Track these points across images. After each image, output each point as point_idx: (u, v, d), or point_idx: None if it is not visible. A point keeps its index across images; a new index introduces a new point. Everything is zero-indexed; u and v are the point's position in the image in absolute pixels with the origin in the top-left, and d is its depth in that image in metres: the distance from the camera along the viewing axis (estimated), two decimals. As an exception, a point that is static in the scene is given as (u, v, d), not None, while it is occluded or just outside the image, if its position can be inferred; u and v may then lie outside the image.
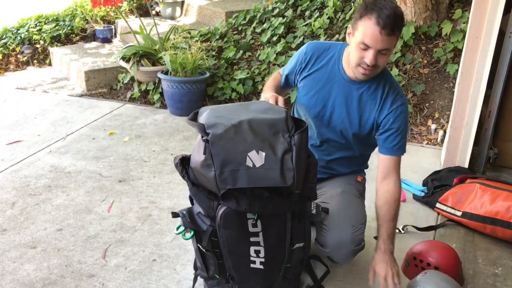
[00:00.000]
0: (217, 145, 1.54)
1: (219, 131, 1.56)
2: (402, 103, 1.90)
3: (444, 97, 3.55)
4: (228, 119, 1.60)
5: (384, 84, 1.90)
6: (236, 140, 1.55)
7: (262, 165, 1.52)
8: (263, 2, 4.94)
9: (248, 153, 1.53)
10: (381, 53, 1.75)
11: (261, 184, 1.52)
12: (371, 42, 1.72)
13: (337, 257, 1.91)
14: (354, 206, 1.96)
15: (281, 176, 1.52)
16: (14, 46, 5.14)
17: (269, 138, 1.57)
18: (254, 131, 1.58)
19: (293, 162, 1.54)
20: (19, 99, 4.23)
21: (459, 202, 2.41)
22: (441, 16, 3.74)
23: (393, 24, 1.69)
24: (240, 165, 1.52)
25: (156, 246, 2.25)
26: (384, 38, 1.71)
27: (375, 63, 1.76)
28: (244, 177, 1.51)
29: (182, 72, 3.80)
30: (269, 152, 1.54)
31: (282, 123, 1.61)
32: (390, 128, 1.90)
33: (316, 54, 1.97)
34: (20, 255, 2.18)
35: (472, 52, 2.68)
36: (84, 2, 5.72)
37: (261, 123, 1.60)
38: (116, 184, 2.81)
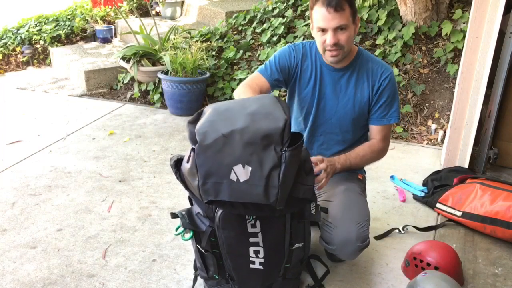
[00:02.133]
0: (202, 156, 1.51)
1: (206, 141, 1.50)
2: (389, 73, 1.99)
3: (444, 97, 3.55)
4: (221, 126, 1.52)
5: (366, 62, 1.99)
6: (224, 152, 1.50)
7: (246, 180, 1.48)
8: (263, 2, 4.94)
9: (234, 166, 1.49)
10: (339, 30, 1.82)
11: (243, 199, 1.50)
12: (324, 23, 1.82)
13: (343, 254, 1.91)
14: (357, 203, 1.97)
15: (264, 193, 1.48)
16: (14, 46, 5.14)
17: (259, 152, 1.49)
18: (244, 143, 1.49)
19: (279, 179, 1.49)
20: (19, 99, 4.23)
21: (459, 202, 2.41)
22: (441, 16, 3.74)
23: (337, 0, 1.77)
24: (223, 178, 1.49)
25: (156, 246, 2.25)
26: (334, 16, 1.79)
27: (337, 42, 1.84)
28: (226, 190, 1.49)
29: (182, 72, 3.80)
30: (256, 167, 1.48)
31: (277, 135, 1.50)
32: (381, 98, 1.99)
33: (300, 54, 2.02)
34: (20, 255, 2.18)
35: (472, 52, 2.68)
36: (84, 2, 5.73)
37: (254, 134, 1.50)
38: (116, 184, 2.81)
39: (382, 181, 2.87)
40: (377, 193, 2.73)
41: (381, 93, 1.98)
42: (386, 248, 2.25)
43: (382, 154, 2.07)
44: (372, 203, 2.60)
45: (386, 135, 2.06)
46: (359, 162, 2.01)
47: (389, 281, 2.04)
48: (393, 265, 2.13)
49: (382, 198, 2.70)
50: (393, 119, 2.02)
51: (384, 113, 2.01)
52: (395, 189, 2.79)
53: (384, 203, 2.64)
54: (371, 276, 2.07)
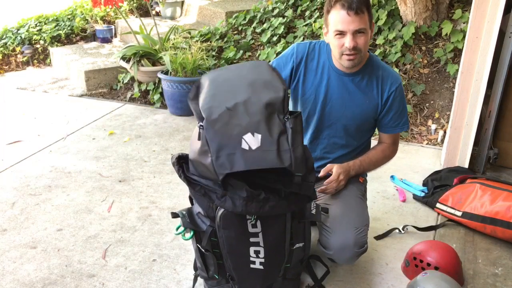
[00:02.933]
0: (211, 130, 1.53)
1: (213, 116, 1.54)
2: (399, 83, 2.00)
3: (444, 97, 3.55)
4: (223, 100, 1.57)
5: (377, 69, 1.98)
6: (231, 123, 1.53)
7: (258, 147, 1.51)
8: (263, 2, 4.94)
9: (244, 135, 1.51)
10: (357, 33, 1.81)
11: (259, 166, 1.50)
12: (343, 27, 1.80)
13: (340, 259, 1.91)
14: (357, 208, 1.96)
15: (278, 157, 1.50)
16: (14, 46, 5.14)
17: (265, 119, 1.54)
18: (249, 113, 1.55)
19: (289, 143, 1.53)
20: (19, 99, 4.23)
21: (459, 202, 2.41)
22: (441, 16, 3.74)
23: (357, 2, 1.76)
24: (236, 149, 1.50)
25: (156, 246, 2.25)
26: (354, 19, 1.78)
27: (356, 45, 1.82)
28: (241, 160, 1.50)
29: (182, 72, 3.80)
30: (265, 134, 1.52)
31: (278, 103, 1.57)
32: (392, 109, 2.00)
33: (306, 53, 2.00)
34: (20, 255, 2.18)
35: (472, 52, 2.68)
36: (84, 2, 5.73)
37: (257, 104, 1.56)
38: (116, 184, 2.81)
39: (382, 181, 2.87)
40: (377, 193, 2.73)
41: (391, 103, 1.98)
42: (386, 248, 2.25)
43: (391, 156, 2.12)
44: (372, 203, 2.60)
45: (396, 140, 2.12)
46: (372, 167, 2.06)
47: (389, 281, 2.04)
48: (393, 265, 2.13)
49: (382, 198, 2.70)
50: (405, 127, 2.07)
51: (397, 123, 2.03)
52: (395, 189, 2.79)
53: (384, 203, 2.64)
54: (371, 276, 2.07)
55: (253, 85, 1.62)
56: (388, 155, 2.09)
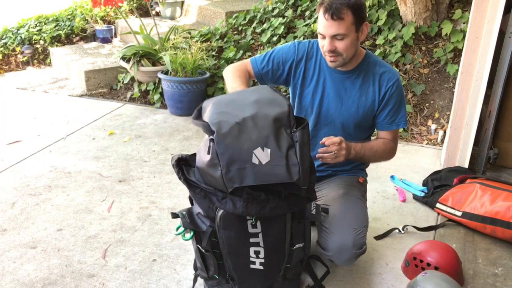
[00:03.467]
0: (222, 144, 1.54)
1: (223, 130, 1.55)
2: (396, 79, 1.98)
3: (444, 97, 3.55)
4: (232, 116, 1.59)
5: (373, 66, 1.98)
6: (241, 138, 1.55)
7: (268, 161, 1.52)
8: (263, 2, 4.94)
9: (254, 150, 1.53)
10: (336, 38, 1.82)
11: (268, 181, 1.52)
12: (322, 30, 1.83)
13: (339, 260, 1.90)
14: (356, 209, 1.96)
15: (287, 171, 1.52)
16: (14, 46, 5.14)
17: (274, 134, 1.56)
18: (258, 127, 1.57)
19: (297, 157, 1.54)
20: (19, 99, 4.23)
21: (459, 202, 2.41)
22: (441, 16, 3.74)
23: (338, 9, 1.76)
24: (246, 163, 1.52)
25: (156, 246, 2.25)
26: (332, 24, 1.79)
27: (334, 49, 1.83)
28: (251, 174, 1.51)
29: (182, 72, 3.80)
30: (274, 148, 1.54)
31: (285, 118, 1.61)
32: (388, 105, 1.98)
33: (306, 51, 2.02)
34: (20, 255, 2.18)
35: (472, 52, 2.68)
36: (84, 2, 5.73)
37: (265, 118, 1.59)
38: (116, 184, 2.81)
39: (382, 181, 2.87)
40: (377, 193, 2.73)
41: (388, 99, 1.97)
42: (386, 248, 2.25)
43: (392, 154, 2.08)
44: (372, 203, 2.60)
45: (395, 137, 2.07)
46: (371, 156, 2.00)
47: (389, 281, 2.04)
48: (393, 265, 2.13)
49: (382, 198, 2.70)
50: (401, 124, 2.02)
51: (393, 119, 2.00)
52: (395, 189, 2.79)
53: (384, 203, 2.64)
54: (371, 276, 2.07)
55: (258, 103, 1.65)
56: (389, 149, 2.04)
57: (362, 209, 1.98)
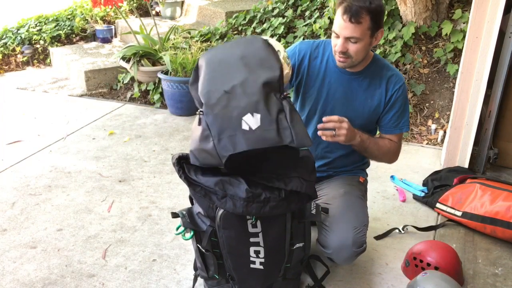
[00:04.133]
0: (211, 114, 1.54)
1: (212, 100, 1.56)
2: (402, 83, 1.98)
3: (444, 97, 3.55)
4: (221, 83, 1.59)
5: (381, 69, 1.97)
6: (230, 106, 1.55)
7: (258, 127, 1.51)
8: (263, 2, 4.94)
9: (243, 117, 1.52)
10: (350, 41, 1.80)
11: (260, 145, 1.50)
12: (337, 30, 1.80)
13: (339, 258, 1.90)
14: (356, 208, 1.96)
15: (278, 135, 1.51)
16: (14, 46, 5.14)
17: (263, 99, 1.55)
18: (247, 94, 1.56)
19: (288, 120, 1.53)
20: (19, 99, 4.23)
21: (459, 202, 2.41)
22: (441, 16, 3.74)
23: (355, 12, 1.73)
24: (236, 130, 1.51)
25: (156, 246, 2.25)
26: (348, 26, 1.76)
27: (346, 51, 1.81)
28: (242, 140, 1.50)
29: (182, 72, 3.80)
30: (264, 113, 1.53)
31: (275, 82, 1.59)
32: (393, 108, 1.98)
33: (309, 51, 1.99)
34: (20, 255, 2.18)
35: (472, 52, 2.68)
36: (84, 2, 5.72)
37: (254, 84, 1.58)
38: (116, 184, 2.81)
39: (382, 181, 2.87)
40: (377, 193, 2.73)
41: (394, 102, 1.97)
42: (386, 248, 2.25)
43: (395, 156, 2.07)
44: (372, 203, 2.60)
45: (399, 141, 2.06)
46: (375, 151, 1.98)
47: (389, 281, 2.04)
48: (393, 265, 2.13)
49: (382, 198, 2.70)
50: (404, 128, 2.02)
51: (397, 123, 2.00)
52: (395, 189, 2.79)
53: (384, 203, 2.64)
54: (371, 276, 2.07)
55: (249, 65, 1.62)
56: (393, 150, 2.04)
57: (362, 208, 1.99)
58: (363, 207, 2.01)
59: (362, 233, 1.86)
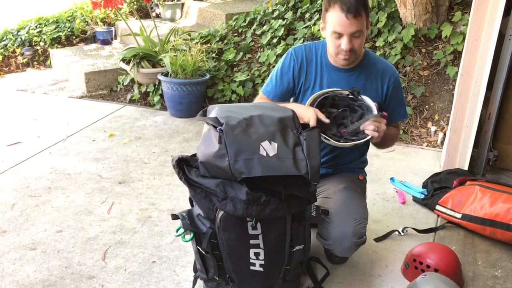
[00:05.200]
0: (231, 135, 1.57)
1: (232, 122, 1.61)
2: (396, 74, 2.06)
3: (444, 99, 3.56)
4: (239, 114, 1.66)
5: (374, 63, 2.02)
6: (249, 131, 1.60)
7: (275, 154, 1.56)
8: (263, 4, 4.94)
9: (261, 142, 1.57)
10: (354, 36, 1.84)
11: (276, 173, 1.54)
12: (341, 29, 1.82)
13: (339, 249, 1.91)
14: (356, 201, 1.97)
15: (294, 164, 1.55)
16: (14, 47, 5.15)
17: (280, 131, 1.63)
18: (264, 124, 1.63)
19: (304, 153, 1.59)
20: (19, 100, 4.23)
21: (459, 204, 2.41)
22: (441, 18, 3.75)
23: (356, 6, 1.78)
24: (254, 154, 1.55)
25: (156, 248, 2.24)
26: (352, 22, 1.80)
27: (352, 47, 1.85)
28: (258, 165, 1.53)
29: (182, 74, 3.80)
30: (281, 143, 1.59)
31: (290, 121, 1.69)
32: (392, 99, 2.05)
33: (305, 54, 2.03)
34: (19, 256, 2.18)
35: (472, 54, 2.68)
36: (84, 4, 5.73)
37: (270, 118, 1.66)
38: (116, 185, 2.81)
39: (382, 183, 2.87)
40: (376, 195, 2.73)
41: (392, 93, 2.03)
42: (385, 250, 2.25)
43: (396, 139, 2.20)
44: (372, 205, 2.60)
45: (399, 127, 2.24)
46: (389, 140, 2.07)
47: (389, 283, 2.04)
48: (393, 267, 2.13)
49: (382, 200, 2.70)
50: (404, 115, 2.14)
51: (397, 111, 2.09)
52: (395, 191, 2.79)
53: (384, 205, 2.64)
54: (371, 278, 2.07)
55: (263, 109, 1.74)
56: (397, 135, 2.17)
57: (362, 202, 2.00)
58: (363, 202, 2.02)
59: (362, 224, 1.86)
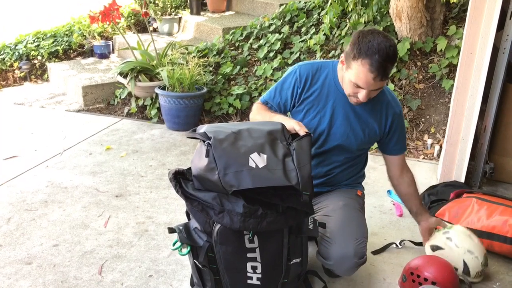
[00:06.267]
0: (219, 148, 1.58)
1: (220, 136, 1.62)
2: (401, 108, 2.06)
3: (440, 112, 3.58)
4: (227, 129, 1.67)
5: (382, 93, 1.99)
6: (238, 144, 1.60)
7: (265, 165, 1.56)
8: (260, 19, 4.99)
9: (250, 154, 1.57)
10: (374, 90, 1.83)
11: (266, 184, 1.53)
12: (364, 85, 1.79)
13: (340, 270, 1.90)
14: (356, 220, 1.97)
15: (285, 175, 1.55)
16: (12, 61, 5.16)
17: (269, 143, 1.63)
18: (253, 137, 1.64)
19: (294, 164, 1.58)
20: (16, 114, 4.23)
21: (456, 216, 2.41)
22: (435, 32, 3.79)
23: (385, 70, 1.75)
24: (243, 166, 1.55)
25: (153, 262, 2.23)
26: (377, 83, 1.78)
27: (368, 98, 1.85)
28: (248, 177, 1.53)
29: (179, 88, 3.82)
30: (271, 154, 1.59)
31: (279, 133, 1.69)
32: (396, 132, 2.05)
33: (310, 76, 1.99)
34: (15, 271, 2.16)
35: (467, 67, 2.71)
36: (82, 18, 5.77)
37: (259, 131, 1.68)
38: (112, 199, 2.80)
39: (379, 195, 2.87)
40: (374, 208, 2.73)
41: (396, 126, 2.04)
42: (383, 263, 2.24)
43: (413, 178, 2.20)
44: (369, 217, 2.60)
45: (404, 160, 2.16)
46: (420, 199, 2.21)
47: (386, 296, 2.03)
48: (390, 280, 2.13)
49: (379, 212, 2.70)
50: (405, 149, 2.16)
51: (401, 145, 2.10)
52: (392, 203, 2.79)
53: (381, 218, 2.64)
54: (368, 291, 2.06)
55: (251, 124, 1.75)
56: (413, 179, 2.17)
57: (362, 220, 1.99)
58: (363, 219, 2.02)
59: (363, 244, 1.86)
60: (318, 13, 4.62)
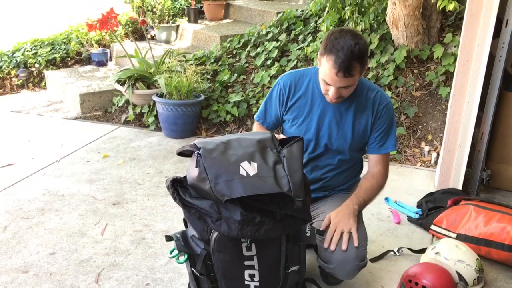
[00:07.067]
0: (209, 158, 1.59)
1: (209, 146, 1.63)
2: (387, 102, 2.00)
3: (437, 120, 3.59)
4: (217, 139, 1.69)
5: (366, 90, 1.99)
6: (227, 153, 1.61)
7: (255, 173, 1.56)
8: (257, 27, 5.01)
9: (241, 163, 1.58)
10: (342, 87, 1.83)
11: (257, 192, 1.53)
12: (330, 82, 1.82)
13: (341, 273, 1.89)
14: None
15: (276, 182, 1.55)
16: (9, 69, 5.16)
17: (259, 151, 1.64)
18: (243, 146, 1.65)
19: (285, 170, 1.59)
20: (14, 122, 4.23)
21: (454, 223, 2.41)
22: (432, 40, 3.81)
23: (347, 67, 1.75)
24: (234, 175, 1.55)
25: (150, 270, 2.22)
26: (341, 79, 1.79)
27: (339, 95, 1.86)
28: (239, 186, 1.53)
29: (177, 95, 3.82)
30: (261, 162, 1.60)
31: (269, 141, 1.71)
32: (377, 128, 2.00)
33: (293, 83, 2.02)
34: (11, 279, 2.15)
35: (464, 75, 2.72)
36: (79, 26, 5.78)
37: (249, 140, 1.69)
38: (109, 207, 2.79)
39: (377, 203, 2.86)
40: (371, 215, 2.73)
41: (378, 122, 1.99)
42: (381, 271, 2.24)
43: (384, 182, 2.05)
44: (367, 225, 2.58)
45: (386, 164, 2.05)
46: (369, 195, 1.99)
47: (385, 304, 2.03)
48: (388, 288, 2.12)
49: (377, 220, 2.69)
50: (390, 148, 2.02)
51: (381, 143, 2.01)
52: (390, 211, 2.79)
53: (378, 225, 2.64)
54: (366, 299, 2.05)
55: (241, 135, 1.76)
56: (381, 180, 2.03)
57: (361, 224, 1.99)
58: (362, 223, 2.01)
59: (363, 247, 1.86)
60: (315, 21, 4.64)
